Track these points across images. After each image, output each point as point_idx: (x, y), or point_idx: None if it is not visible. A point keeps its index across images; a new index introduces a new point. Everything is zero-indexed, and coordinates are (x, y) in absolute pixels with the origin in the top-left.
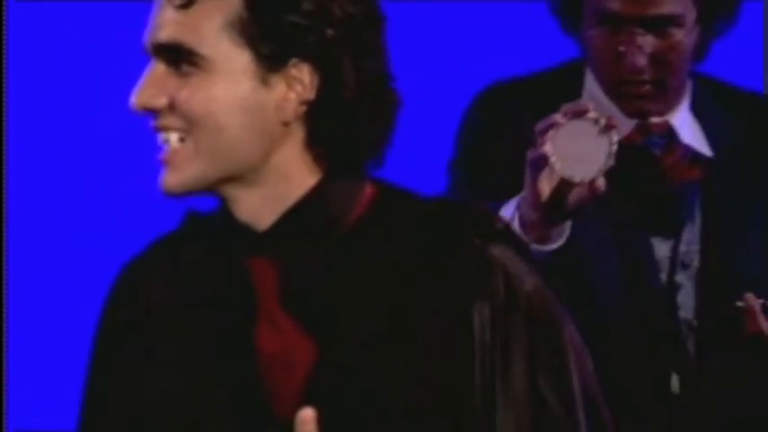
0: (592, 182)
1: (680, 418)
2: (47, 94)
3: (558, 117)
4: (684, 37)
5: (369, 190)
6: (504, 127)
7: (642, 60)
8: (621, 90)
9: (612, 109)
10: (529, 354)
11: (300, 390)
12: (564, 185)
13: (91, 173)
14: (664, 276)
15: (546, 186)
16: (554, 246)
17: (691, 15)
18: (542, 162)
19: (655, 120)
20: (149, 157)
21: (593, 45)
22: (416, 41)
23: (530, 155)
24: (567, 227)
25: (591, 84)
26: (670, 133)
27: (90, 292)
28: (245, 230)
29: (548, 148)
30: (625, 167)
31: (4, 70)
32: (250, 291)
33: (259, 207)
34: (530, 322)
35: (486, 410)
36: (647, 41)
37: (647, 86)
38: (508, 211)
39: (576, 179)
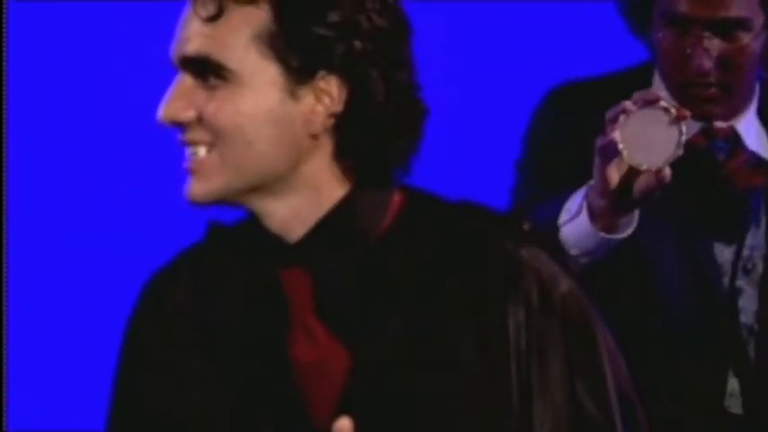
0: (659, 170)
1: (738, 421)
2: (47, 94)
3: (628, 104)
4: (752, 41)
5: (397, 198)
6: (572, 127)
7: (708, 63)
8: (687, 92)
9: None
10: (565, 357)
11: (336, 398)
12: (632, 173)
13: (91, 173)
14: (726, 281)
15: (614, 174)
16: (622, 235)
17: (758, 20)
18: (611, 149)
19: (719, 124)
20: (149, 157)
21: (660, 47)
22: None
23: (599, 141)
24: (634, 217)
25: (658, 86)
26: (735, 138)
27: (90, 292)
28: (275, 242)
29: (617, 134)
30: (688, 171)
31: (4, 70)
32: (283, 302)
33: (290, 219)
34: (565, 325)
35: (524, 414)
36: (714, 44)
37: (713, 89)
38: (576, 201)
39: (644, 167)
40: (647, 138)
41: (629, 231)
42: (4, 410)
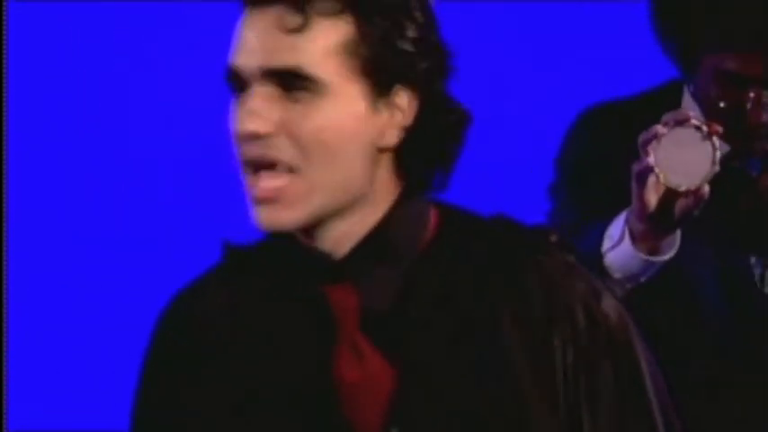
0: (697, 189)
1: None
2: (47, 94)
3: (659, 128)
4: None
5: (433, 212)
6: (606, 150)
7: (766, 117)
8: (735, 133)
9: None
10: (613, 374)
11: (382, 416)
12: (670, 195)
13: (91, 173)
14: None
15: (653, 197)
16: (666, 257)
17: None
18: (648, 173)
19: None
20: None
21: (708, 95)
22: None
23: (635, 167)
24: (677, 237)
25: (688, 104)
26: (766, 155)
27: (90, 292)
28: (319, 258)
29: (652, 159)
30: (722, 189)
31: (4, 70)
32: (329, 318)
33: (342, 236)
34: (609, 341)
35: (572, 428)
36: None
37: (764, 131)
38: (618, 226)
39: (683, 188)
40: (682, 158)
41: (672, 253)
42: (4, 410)
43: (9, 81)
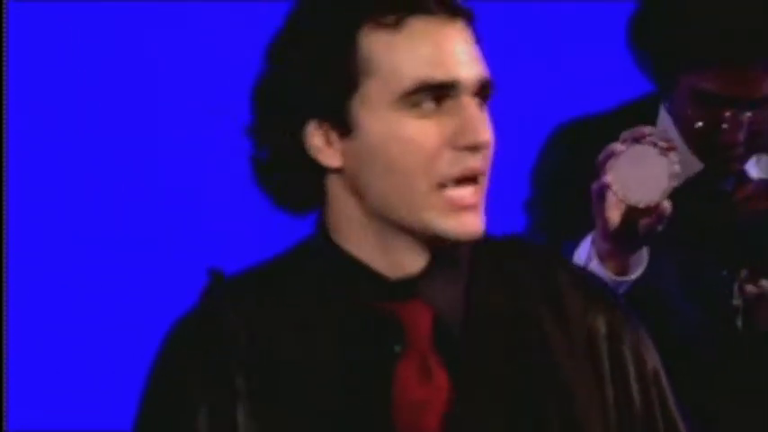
0: (657, 205)
1: None
2: (47, 94)
3: (617, 145)
4: None
5: None
6: (580, 167)
7: (742, 136)
8: (716, 154)
9: (683, 147)
10: (641, 376)
11: (436, 428)
12: (631, 212)
13: (91, 173)
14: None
15: (614, 216)
16: (634, 276)
17: None
18: (606, 192)
19: None
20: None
21: (685, 114)
22: None
23: (594, 186)
24: (644, 255)
25: (664, 119)
26: (741, 171)
27: (90, 292)
28: (379, 276)
29: (609, 177)
30: (696, 205)
31: (4, 70)
32: (398, 336)
33: (413, 253)
34: (632, 344)
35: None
36: (746, 117)
37: (741, 150)
38: (585, 247)
39: (642, 204)
40: (640, 175)
41: (640, 271)
42: (4, 410)
43: (9, 81)
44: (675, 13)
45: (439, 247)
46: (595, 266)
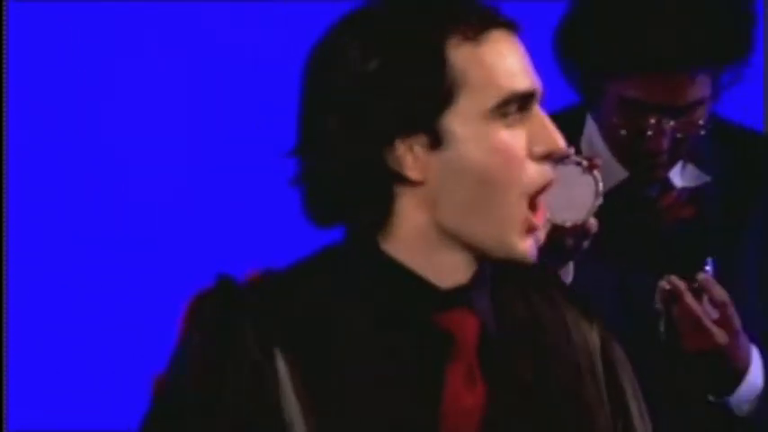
0: (584, 224)
1: None
2: (47, 94)
3: None
4: (704, 111)
5: None
6: None
7: (666, 144)
8: (639, 162)
9: (608, 155)
10: (630, 381)
11: None
12: (557, 231)
13: (90, 173)
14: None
15: (541, 234)
16: None
17: (708, 91)
18: None
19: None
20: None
21: (609, 121)
22: None
23: None
24: (570, 268)
25: (591, 129)
26: (665, 179)
27: (90, 292)
28: (430, 285)
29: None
30: (620, 211)
31: (4, 70)
32: (448, 344)
33: (458, 263)
34: (622, 359)
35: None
36: (670, 125)
37: (665, 158)
38: None
39: (568, 223)
40: (566, 194)
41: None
42: (4, 410)
43: (9, 81)
44: (601, 20)
45: (483, 261)
46: None
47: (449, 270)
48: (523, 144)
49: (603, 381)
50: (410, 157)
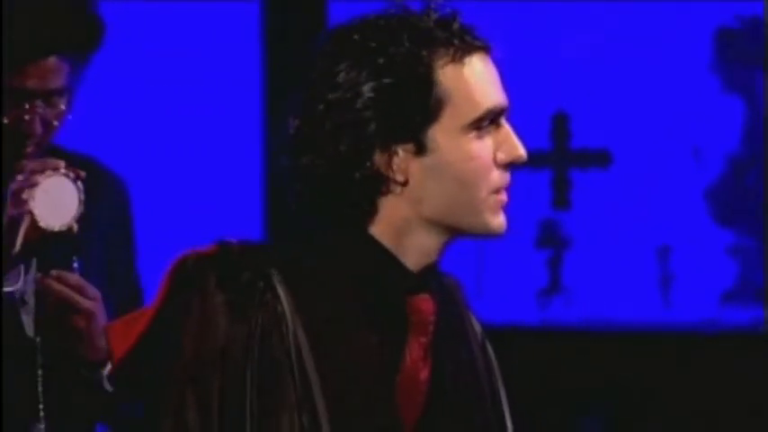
0: (71, 228)
1: None
2: None
3: (35, 177)
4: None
5: None
6: None
7: (40, 128)
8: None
9: None
10: (497, 370)
11: (421, 405)
12: (39, 234)
13: None
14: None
15: (21, 237)
16: (17, 286)
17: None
18: (23, 217)
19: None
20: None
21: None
22: None
23: (10, 211)
24: (21, 269)
25: None
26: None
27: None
28: (404, 270)
29: (32, 204)
30: None
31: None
32: (405, 324)
33: (429, 251)
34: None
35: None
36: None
37: (36, 141)
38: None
39: (56, 228)
40: (55, 201)
41: (19, 283)
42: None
43: None
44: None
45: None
46: None
47: (424, 252)
48: (491, 152)
49: (486, 372)
50: (396, 162)
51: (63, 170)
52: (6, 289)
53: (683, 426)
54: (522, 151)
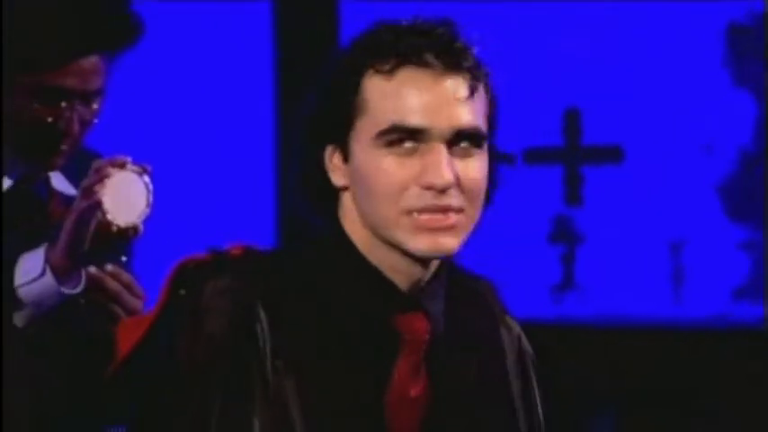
0: (135, 226)
1: None
2: None
3: (108, 170)
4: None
5: None
6: None
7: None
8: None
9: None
10: (538, 385)
11: (418, 420)
12: (108, 232)
13: None
14: None
15: (89, 234)
16: (79, 288)
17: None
18: (92, 212)
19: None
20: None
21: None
22: None
23: (78, 205)
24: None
25: None
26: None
27: None
28: (393, 288)
29: (103, 199)
30: (19, 211)
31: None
32: (396, 341)
33: (419, 272)
34: (531, 362)
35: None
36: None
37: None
38: (36, 263)
39: (122, 224)
40: (124, 197)
41: (81, 286)
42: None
43: None
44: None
45: (427, 264)
46: (49, 281)
47: (400, 270)
48: (411, 172)
49: (521, 383)
50: (332, 164)
51: (131, 167)
52: (68, 291)
53: (694, 420)
54: (440, 178)
